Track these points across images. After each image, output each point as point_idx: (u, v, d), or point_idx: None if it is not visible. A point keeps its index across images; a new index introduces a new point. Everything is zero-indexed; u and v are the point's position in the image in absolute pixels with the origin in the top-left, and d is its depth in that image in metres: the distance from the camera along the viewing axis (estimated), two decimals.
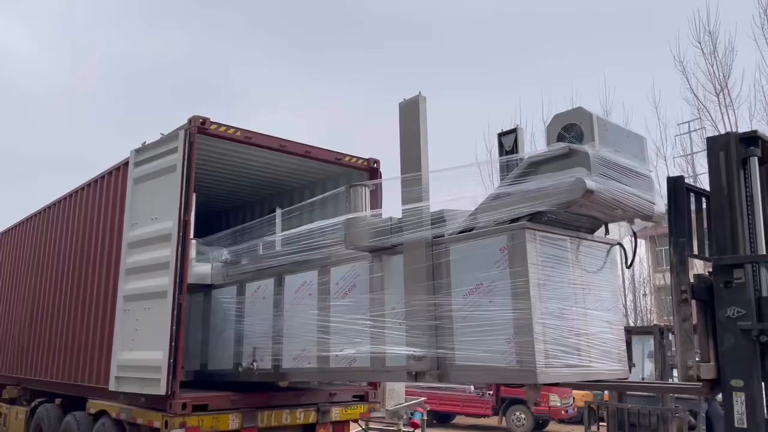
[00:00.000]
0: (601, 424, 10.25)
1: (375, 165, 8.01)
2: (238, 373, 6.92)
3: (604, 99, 35.14)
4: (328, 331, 5.85)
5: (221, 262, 7.60)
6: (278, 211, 7.50)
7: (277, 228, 7.29)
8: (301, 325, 6.18)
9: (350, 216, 5.68)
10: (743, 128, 21.07)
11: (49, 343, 9.12)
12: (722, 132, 20.87)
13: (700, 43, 21.25)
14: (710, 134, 20.73)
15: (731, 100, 20.65)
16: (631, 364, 10.48)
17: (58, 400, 8.66)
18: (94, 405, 7.53)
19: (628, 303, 23.80)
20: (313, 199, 7.55)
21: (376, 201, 6.75)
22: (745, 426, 3.64)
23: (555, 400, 16.54)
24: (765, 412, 3.65)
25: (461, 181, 5.24)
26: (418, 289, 4.99)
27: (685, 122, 22.07)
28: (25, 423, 9.42)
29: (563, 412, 16.80)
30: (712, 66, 20.94)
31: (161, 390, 6.14)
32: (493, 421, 17.59)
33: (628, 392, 9.39)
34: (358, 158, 8.00)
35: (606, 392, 11.63)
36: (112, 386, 6.96)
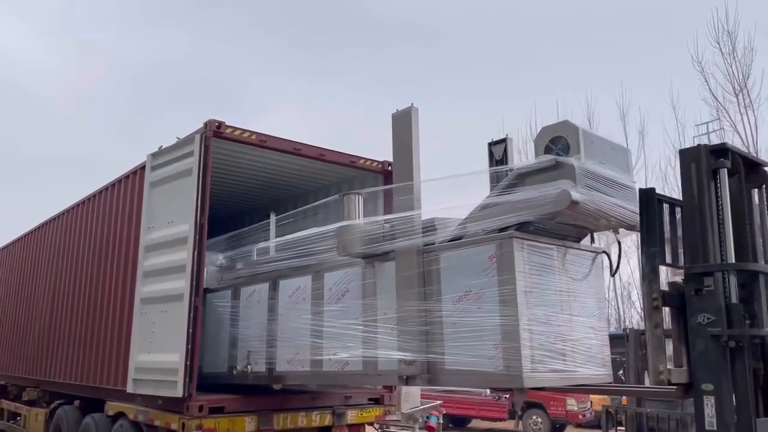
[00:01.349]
0: (619, 428, 10.10)
1: (389, 168, 7.73)
2: (233, 376, 6.99)
3: (621, 100, 35.04)
4: (322, 336, 5.95)
5: (216, 267, 7.65)
6: (272, 217, 7.54)
7: (271, 234, 7.34)
8: (295, 329, 6.27)
9: (343, 223, 5.80)
10: (763, 128, 20.90)
11: (67, 345, 9.20)
12: (742, 133, 20.76)
13: (718, 43, 21.13)
14: (729, 135, 20.62)
15: (751, 101, 20.49)
16: (647, 368, 10.48)
17: (76, 402, 8.71)
18: (112, 407, 7.56)
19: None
20: (308, 205, 7.62)
21: (390, 206, 6.87)
22: (715, 428, 3.74)
23: (572, 404, 16.25)
24: (734, 415, 3.76)
25: (473, 187, 5.38)
26: (410, 295, 5.14)
27: (704, 123, 21.85)
28: (45, 424, 9.48)
29: (580, 417, 16.48)
30: (731, 66, 20.80)
31: (178, 392, 6.19)
32: (509, 424, 17.48)
33: (647, 398, 9.28)
34: (373, 161, 7.97)
35: (624, 396, 11.49)
36: (129, 388, 7.01)
